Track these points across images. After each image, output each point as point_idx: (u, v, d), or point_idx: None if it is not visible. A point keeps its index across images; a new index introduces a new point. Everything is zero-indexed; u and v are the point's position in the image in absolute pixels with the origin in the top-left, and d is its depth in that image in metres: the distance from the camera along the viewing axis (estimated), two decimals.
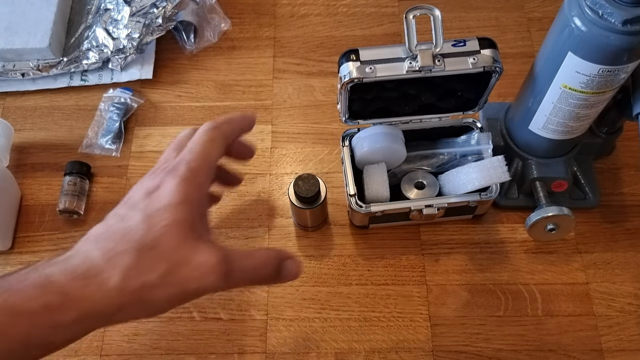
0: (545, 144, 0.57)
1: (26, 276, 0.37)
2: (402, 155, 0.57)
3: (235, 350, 0.55)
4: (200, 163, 0.43)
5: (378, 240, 0.60)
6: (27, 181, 0.65)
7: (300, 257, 0.60)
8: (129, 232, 0.39)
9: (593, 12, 0.43)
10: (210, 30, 0.73)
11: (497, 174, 0.54)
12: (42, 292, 0.37)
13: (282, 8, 0.76)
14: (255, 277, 0.44)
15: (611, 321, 0.56)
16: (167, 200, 0.40)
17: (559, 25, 0.47)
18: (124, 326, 0.56)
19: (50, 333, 0.37)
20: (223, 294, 0.58)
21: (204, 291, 0.40)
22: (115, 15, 0.71)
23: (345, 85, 0.50)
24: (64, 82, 0.70)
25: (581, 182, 0.61)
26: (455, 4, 0.75)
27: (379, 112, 0.56)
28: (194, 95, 0.70)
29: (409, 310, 0.57)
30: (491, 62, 0.49)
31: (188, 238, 0.40)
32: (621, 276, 0.58)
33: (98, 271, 0.38)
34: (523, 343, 0.55)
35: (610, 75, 0.47)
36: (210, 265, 0.39)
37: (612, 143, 0.62)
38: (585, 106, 0.50)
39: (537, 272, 0.58)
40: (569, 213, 0.53)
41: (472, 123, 0.59)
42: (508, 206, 0.61)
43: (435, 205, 0.55)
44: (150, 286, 0.38)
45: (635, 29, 0.43)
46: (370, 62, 0.49)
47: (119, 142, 0.66)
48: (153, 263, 0.39)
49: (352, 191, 0.55)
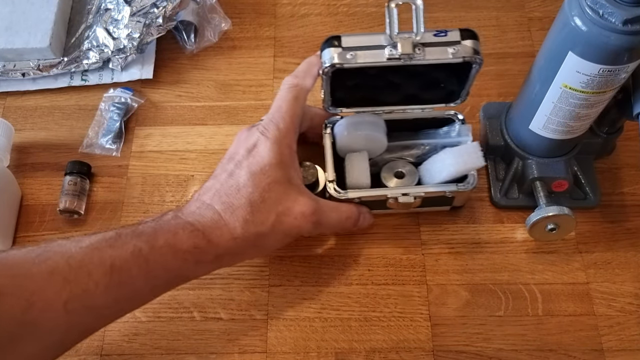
0: (545, 144, 0.56)
1: (173, 222, 0.46)
2: (383, 144, 0.58)
3: (236, 350, 0.55)
4: (288, 124, 0.50)
5: (377, 240, 0.60)
6: (28, 181, 0.65)
7: (299, 257, 0.60)
8: (241, 189, 0.48)
9: (593, 11, 0.43)
10: (210, 30, 0.73)
11: (472, 159, 0.54)
12: (192, 236, 0.46)
13: (283, 8, 0.76)
14: (337, 227, 0.55)
15: (612, 321, 0.56)
16: (266, 161, 0.48)
17: (560, 25, 0.47)
18: (124, 326, 0.56)
19: (194, 269, 0.48)
20: (223, 294, 0.58)
21: (300, 235, 0.52)
22: (116, 15, 0.71)
23: (326, 71, 0.50)
24: (65, 82, 0.70)
25: (582, 181, 0.61)
26: (455, 4, 0.75)
27: (362, 100, 0.57)
28: (195, 95, 0.70)
29: (410, 310, 0.57)
30: (471, 53, 0.49)
31: (288, 191, 0.49)
32: (622, 276, 0.58)
33: (226, 222, 0.47)
34: (523, 343, 0.55)
35: (611, 75, 0.46)
36: (307, 214, 0.49)
37: (613, 143, 0.62)
38: (586, 106, 0.50)
39: (537, 271, 0.58)
40: (569, 213, 0.53)
41: (454, 115, 0.59)
42: (508, 206, 0.61)
43: (411, 193, 0.55)
44: (263, 234, 0.48)
45: (635, 29, 0.42)
46: (351, 49, 0.50)
47: (120, 141, 0.66)
48: (264, 215, 0.48)
49: (331, 177, 0.56)
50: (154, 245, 0.44)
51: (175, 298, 0.58)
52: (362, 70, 0.51)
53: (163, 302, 0.57)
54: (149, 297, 0.48)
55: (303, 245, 0.60)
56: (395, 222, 0.61)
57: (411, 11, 0.49)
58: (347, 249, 0.60)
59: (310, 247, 0.60)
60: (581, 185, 0.61)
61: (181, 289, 0.58)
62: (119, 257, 0.43)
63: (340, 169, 0.57)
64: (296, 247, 0.60)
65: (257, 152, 0.49)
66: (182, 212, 0.48)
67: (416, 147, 0.60)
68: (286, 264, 0.59)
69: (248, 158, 0.49)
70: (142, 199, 0.63)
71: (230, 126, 0.67)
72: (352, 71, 0.51)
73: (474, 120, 0.66)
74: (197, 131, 0.67)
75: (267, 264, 0.59)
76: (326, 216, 0.52)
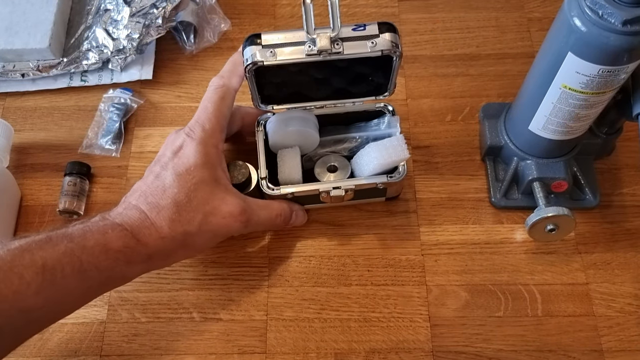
0: (545, 144, 0.56)
1: (102, 224, 0.46)
2: (315, 139, 0.59)
3: (235, 351, 0.55)
4: (214, 124, 0.51)
5: (377, 241, 0.60)
6: (27, 182, 0.65)
7: (298, 258, 0.60)
8: (167, 190, 0.48)
9: (593, 12, 0.43)
10: (210, 30, 0.73)
11: (397, 152, 0.55)
12: (121, 235, 0.45)
13: (282, 8, 0.76)
14: (269, 225, 0.55)
15: (611, 322, 0.56)
16: (192, 161, 0.48)
17: (559, 26, 0.47)
18: (124, 327, 0.56)
19: (126, 269, 0.47)
20: (222, 294, 0.58)
21: (230, 234, 0.52)
22: (115, 15, 0.71)
23: (247, 68, 0.50)
24: (64, 83, 0.70)
25: (581, 182, 0.61)
26: (455, 4, 0.75)
27: (292, 97, 0.57)
28: (194, 95, 0.70)
29: (409, 310, 0.57)
30: (390, 46, 0.49)
31: (215, 191, 0.49)
32: (621, 276, 0.58)
33: (152, 221, 0.47)
34: (523, 343, 0.55)
35: (611, 76, 0.46)
36: (235, 214, 0.49)
37: (612, 143, 0.62)
38: (585, 106, 0.50)
39: (537, 272, 0.58)
40: (568, 213, 0.53)
41: (384, 107, 0.60)
42: (508, 207, 0.61)
43: (342, 187, 0.56)
44: (191, 233, 0.48)
45: (635, 29, 0.42)
46: (271, 46, 0.50)
47: (119, 142, 0.66)
48: (191, 215, 0.47)
49: (264, 174, 0.56)
50: (85, 246, 0.44)
51: (175, 299, 0.58)
52: (284, 67, 0.52)
53: (162, 303, 0.57)
54: (82, 300, 0.47)
55: (302, 246, 0.60)
56: (394, 222, 0.61)
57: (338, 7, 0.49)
58: (346, 249, 0.60)
59: (309, 247, 0.60)
60: (581, 186, 0.61)
61: (180, 289, 0.58)
62: (51, 257, 0.42)
63: (274, 166, 0.58)
64: (295, 248, 0.60)
65: (182, 154, 0.49)
66: (109, 214, 0.47)
67: (348, 141, 0.60)
68: (285, 265, 0.59)
69: (174, 159, 0.49)
70: None
71: None
72: (275, 68, 0.51)
73: (474, 121, 0.66)
74: None
75: (267, 264, 0.59)
76: (256, 215, 0.52)
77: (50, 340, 0.56)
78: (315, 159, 0.60)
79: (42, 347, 0.56)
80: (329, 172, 0.59)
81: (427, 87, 0.69)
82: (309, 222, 0.61)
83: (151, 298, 0.58)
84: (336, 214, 0.62)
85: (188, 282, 0.58)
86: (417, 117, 0.67)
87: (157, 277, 0.58)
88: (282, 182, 0.57)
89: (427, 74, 0.70)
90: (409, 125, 0.67)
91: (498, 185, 0.62)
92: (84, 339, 0.56)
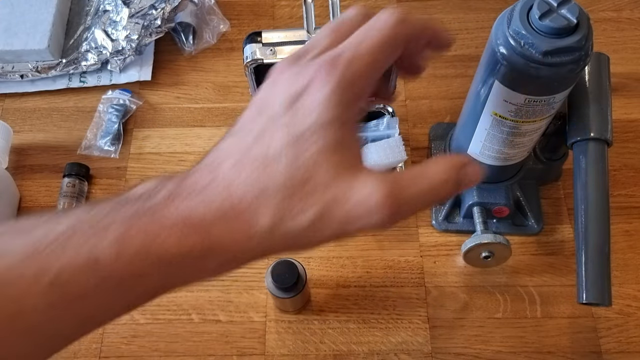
0: (485, 169, 0.54)
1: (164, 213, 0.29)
2: None
3: (234, 353, 0.55)
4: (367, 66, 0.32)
5: (375, 242, 0.60)
6: (26, 183, 0.65)
7: (297, 257, 0.60)
8: (274, 161, 0.31)
9: (515, 41, 0.41)
10: (209, 31, 0.73)
11: (394, 153, 0.55)
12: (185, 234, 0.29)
13: (281, 9, 0.76)
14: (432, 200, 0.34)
15: (610, 323, 0.56)
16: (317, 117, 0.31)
17: (487, 52, 0.45)
18: (123, 328, 0.56)
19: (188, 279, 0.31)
20: (221, 295, 0.58)
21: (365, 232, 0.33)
22: (114, 16, 0.71)
23: (247, 66, 0.51)
24: (63, 84, 0.70)
25: (524, 208, 0.59)
26: (454, 5, 0.75)
27: None
28: (193, 96, 0.70)
29: (408, 312, 0.57)
30: None
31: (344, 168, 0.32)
32: (620, 278, 0.58)
33: (244, 209, 0.30)
34: (522, 345, 0.55)
35: (538, 105, 0.45)
36: (375, 201, 0.31)
37: (558, 169, 0.61)
38: (518, 134, 0.48)
39: (535, 273, 0.58)
40: (504, 241, 0.52)
41: (384, 108, 0.60)
42: (449, 230, 0.60)
43: None
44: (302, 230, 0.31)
45: (556, 61, 0.41)
46: (272, 44, 0.50)
47: (118, 143, 0.66)
48: (306, 204, 0.31)
49: None
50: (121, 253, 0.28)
51: (174, 300, 0.57)
52: None
53: (161, 304, 0.57)
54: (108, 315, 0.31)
55: None
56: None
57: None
58: (345, 251, 0.60)
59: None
60: (524, 212, 0.59)
61: (179, 291, 0.58)
62: (68, 265, 0.27)
63: None
64: None
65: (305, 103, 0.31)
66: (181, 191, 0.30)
67: None
68: None
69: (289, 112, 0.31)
70: None
71: (229, 128, 0.67)
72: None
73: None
74: (196, 133, 0.67)
75: (265, 266, 0.59)
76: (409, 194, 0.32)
77: None
78: None
79: None
80: None
81: (426, 88, 0.69)
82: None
83: None
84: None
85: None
86: (416, 117, 0.67)
87: None
88: None
89: (426, 74, 0.69)
90: (407, 126, 0.67)
91: (441, 208, 0.60)
92: (82, 340, 0.56)
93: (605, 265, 0.45)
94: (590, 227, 0.46)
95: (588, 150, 0.48)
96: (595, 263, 0.45)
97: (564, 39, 0.40)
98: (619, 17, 0.73)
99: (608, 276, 0.45)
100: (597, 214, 0.47)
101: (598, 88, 0.50)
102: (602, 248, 0.45)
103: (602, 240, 0.46)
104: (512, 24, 0.42)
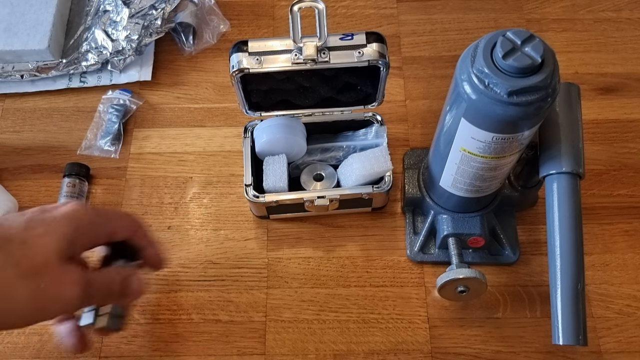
0: (458, 200, 0.54)
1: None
2: (302, 147, 0.59)
3: (234, 352, 0.55)
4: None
5: (376, 242, 0.61)
6: (26, 183, 0.65)
7: (297, 259, 0.60)
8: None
9: (480, 80, 0.40)
10: (209, 31, 0.73)
11: (379, 163, 0.55)
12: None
13: (281, 9, 0.76)
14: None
15: (610, 323, 0.56)
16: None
17: (453, 89, 0.44)
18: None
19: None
20: (222, 296, 0.58)
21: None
22: (114, 16, 0.71)
23: (234, 75, 0.50)
24: (63, 84, 0.70)
25: (500, 237, 0.58)
26: (454, 6, 0.75)
27: (281, 104, 0.57)
28: (193, 96, 0.70)
29: (408, 312, 0.57)
30: (377, 56, 0.49)
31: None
32: (620, 278, 0.58)
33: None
34: (522, 345, 0.55)
35: (506, 143, 0.44)
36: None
37: (535, 195, 0.60)
38: (488, 169, 0.48)
39: (535, 273, 0.58)
40: (479, 276, 0.50)
41: (373, 117, 0.60)
42: (424, 262, 0.59)
43: (327, 196, 0.56)
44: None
45: (522, 100, 0.40)
46: (258, 54, 0.50)
47: (118, 143, 0.66)
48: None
49: (248, 181, 0.56)
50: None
51: (174, 300, 0.58)
52: (271, 75, 0.51)
53: (162, 305, 0.57)
54: None
55: (301, 248, 0.60)
56: (394, 224, 0.61)
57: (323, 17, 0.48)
58: (345, 250, 0.60)
59: (308, 249, 0.60)
60: (500, 241, 0.58)
61: (180, 291, 0.58)
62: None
63: (260, 173, 0.58)
64: (294, 250, 0.60)
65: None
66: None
67: (335, 150, 0.60)
68: (284, 266, 0.59)
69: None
70: (140, 200, 0.63)
71: (229, 128, 0.67)
72: (262, 75, 0.51)
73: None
74: (196, 133, 0.67)
75: (265, 266, 0.59)
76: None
77: (49, 342, 0.56)
78: (302, 167, 0.60)
79: (41, 349, 0.56)
80: (315, 180, 0.59)
81: (425, 88, 0.69)
82: (309, 224, 0.61)
83: (150, 300, 0.58)
84: (335, 215, 0.62)
85: (187, 283, 0.58)
86: (416, 118, 0.67)
87: (156, 279, 0.58)
88: (267, 190, 0.57)
89: (426, 75, 0.70)
90: (407, 126, 0.67)
91: (416, 239, 0.59)
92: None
93: (578, 305, 0.44)
94: (563, 266, 0.45)
95: (560, 184, 0.47)
96: (568, 304, 0.44)
97: (529, 77, 0.39)
98: (619, 17, 0.73)
99: (583, 315, 0.45)
100: (570, 252, 0.45)
101: (569, 120, 0.48)
102: (574, 287, 0.45)
103: (575, 279, 0.45)
104: (475, 63, 0.40)
